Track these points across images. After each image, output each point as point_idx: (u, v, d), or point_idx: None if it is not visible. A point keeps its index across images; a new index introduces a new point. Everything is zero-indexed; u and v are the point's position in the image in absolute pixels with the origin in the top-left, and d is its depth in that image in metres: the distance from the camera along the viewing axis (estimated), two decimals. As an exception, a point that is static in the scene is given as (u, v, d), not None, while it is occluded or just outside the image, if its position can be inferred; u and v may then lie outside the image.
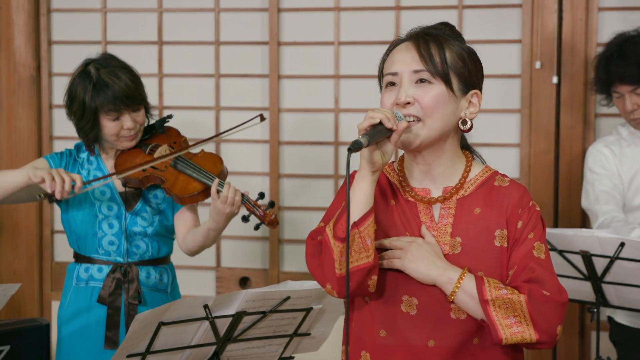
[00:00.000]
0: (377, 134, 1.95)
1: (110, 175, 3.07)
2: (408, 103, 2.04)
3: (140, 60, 3.36)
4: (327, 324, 2.59)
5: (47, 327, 3.15)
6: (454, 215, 2.09)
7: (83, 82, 3.05)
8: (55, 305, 4.33)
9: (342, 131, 4.13)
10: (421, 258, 2.03)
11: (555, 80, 3.89)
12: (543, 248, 2.07)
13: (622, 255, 2.98)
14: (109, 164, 3.16)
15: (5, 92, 4.32)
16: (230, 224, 3.13)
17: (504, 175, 2.15)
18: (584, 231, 3.10)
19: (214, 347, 2.43)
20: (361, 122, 1.97)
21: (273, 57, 4.13)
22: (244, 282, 4.23)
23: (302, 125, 4.15)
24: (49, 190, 2.90)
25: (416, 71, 2.06)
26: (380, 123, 1.96)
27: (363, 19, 4.09)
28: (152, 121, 3.23)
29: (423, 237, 2.08)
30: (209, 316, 2.33)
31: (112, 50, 4.28)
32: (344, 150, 4.12)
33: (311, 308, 2.47)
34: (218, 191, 3.00)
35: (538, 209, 2.11)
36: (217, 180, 3.02)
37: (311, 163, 4.16)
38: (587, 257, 3.05)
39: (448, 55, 2.07)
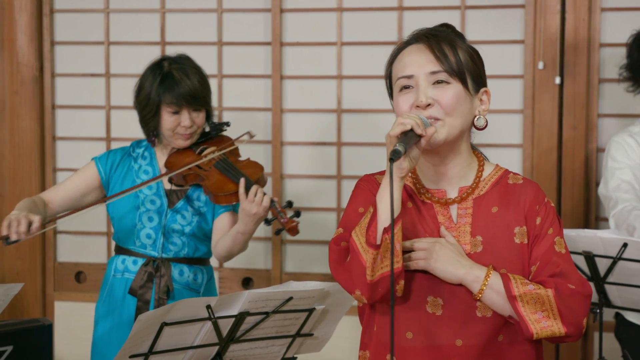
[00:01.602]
0: (410, 140, 1.96)
1: (159, 177, 3.15)
2: (429, 105, 2.05)
3: (143, 61, 3.35)
4: (330, 325, 2.58)
5: (50, 327, 3.15)
6: (472, 214, 2.11)
7: (153, 73, 3.16)
8: (58, 306, 4.34)
9: (344, 131, 4.12)
10: (446, 258, 2.04)
11: (558, 80, 3.89)
12: (563, 243, 2.10)
13: (624, 255, 2.97)
14: (161, 161, 3.23)
15: (8, 92, 4.32)
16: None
17: (515, 174, 2.18)
18: (586, 232, 3.10)
19: (216, 348, 2.43)
20: (392, 129, 1.97)
21: (276, 57, 4.13)
22: (247, 283, 4.23)
23: (305, 126, 4.16)
24: (2, 229, 2.98)
25: (433, 72, 2.06)
26: (411, 129, 1.97)
27: (365, 20, 4.09)
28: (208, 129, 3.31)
29: (444, 238, 2.09)
30: (212, 316, 2.33)
31: (115, 51, 4.28)
32: (346, 151, 4.12)
33: (314, 309, 2.47)
34: (246, 192, 3.04)
35: (553, 205, 2.14)
36: (243, 180, 3.06)
37: (314, 164, 4.16)
38: (589, 257, 3.05)
39: (461, 55, 2.09)
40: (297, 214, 3.13)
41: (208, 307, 2.31)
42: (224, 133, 3.35)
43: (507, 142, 3.99)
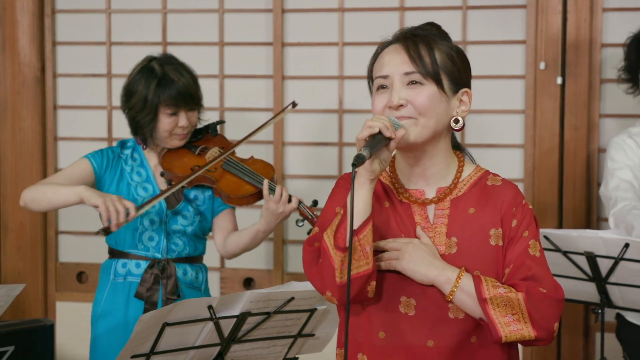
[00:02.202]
0: (377, 144, 1.96)
1: (167, 190, 3.09)
2: (401, 105, 2.05)
3: (145, 61, 3.37)
4: (331, 325, 2.59)
5: (52, 327, 3.15)
6: (448, 215, 2.10)
7: (147, 76, 3.12)
8: (59, 306, 4.34)
9: (346, 132, 4.12)
10: (419, 258, 2.04)
11: (559, 81, 3.89)
12: (538, 246, 2.09)
13: (626, 256, 2.97)
14: (152, 162, 3.22)
15: (9, 92, 4.32)
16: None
17: (495, 175, 2.17)
18: (588, 232, 3.10)
19: (218, 348, 2.43)
20: (360, 132, 1.98)
21: (277, 57, 4.13)
22: (248, 283, 4.23)
23: (306, 126, 4.16)
24: (103, 219, 2.95)
25: (407, 73, 2.06)
26: (379, 132, 1.97)
27: (367, 20, 4.09)
28: (199, 125, 3.29)
29: (419, 238, 2.08)
30: (213, 317, 2.33)
31: (117, 51, 4.28)
32: (348, 151, 4.12)
33: (315, 309, 2.47)
34: (270, 192, 3.05)
35: (531, 207, 2.13)
36: (266, 181, 3.07)
37: (315, 164, 4.16)
38: (591, 258, 3.05)
39: (437, 56, 2.07)
40: None
41: (210, 307, 2.31)
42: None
43: (509, 142, 3.99)
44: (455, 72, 2.09)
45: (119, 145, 3.25)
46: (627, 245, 2.95)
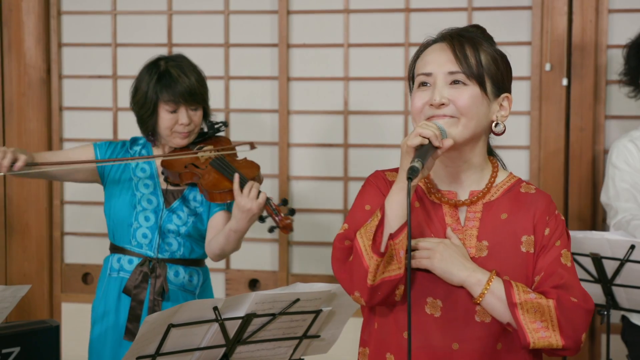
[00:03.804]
0: (426, 153, 1.95)
1: (154, 157, 3.14)
2: (443, 104, 2.04)
3: (150, 63, 3.37)
4: (337, 326, 2.58)
5: (57, 328, 3.15)
6: (480, 219, 2.10)
7: (150, 72, 3.15)
8: (65, 307, 4.35)
9: (351, 133, 4.12)
10: (450, 259, 2.03)
11: (565, 82, 3.89)
12: (569, 256, 2.08)
13: (632, 257, 2.97)
14: (158, 160, 3.22)
15: (15, 94, 4.33)
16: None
17: (529, 183, 2.17)
18: (594, 233, 3.09)
19: (223, 349, 2.43)
20: (410, 139, 1.96)
21: (282, 59, 4.14)
22: (253, 284, 4.24)
23: (311, 127, 4.16)
24: None
25: (451, 72, 2.05)
26: (429, 141, 1.96)
27: (372, 21, 4.09)
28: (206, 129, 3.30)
29: (449, 239, 2.08)
30: (219, 318, 2.33)
31: (122, 52, 4.29)
32: (353, 153, 4.12)
33: (320, 310, 2.47)
34: (241, 187, 3.02)
35: (563, 218, 2.12)
36: (237, 175, 3.04)
37: (320, 165, 4.16)
38: (597, 259, 3.04)
39: (482, 58, 2.07)
40: (292, 212, 3.10)
41: (215, 308, 2.31)
42: (223, 134, 3.35)
43: (514, 143, 3.99)
44: (498, 76, 2.09)
45: (131, 141, 3.27)
46: (632, 247, 2.95)
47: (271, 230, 3.10)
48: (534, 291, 2.03)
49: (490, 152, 2.19)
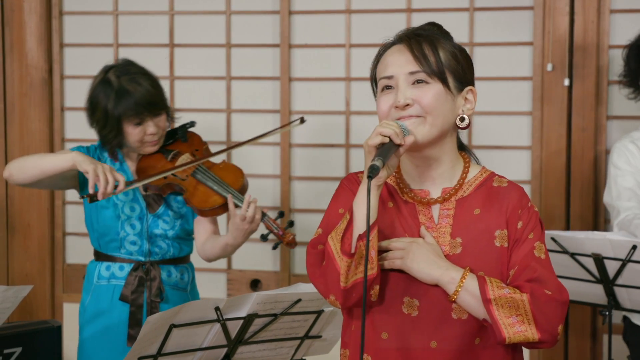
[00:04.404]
0: (387, 151, 1.96)
1: (133, 182, 3.06)
2: (407, 105, 2.04)
3: (152, 63, 3.36)
4: (339, 327, 2.58)
5: (59, 329, 3.16)
6: (453, 215, 2.10)
7: (105, 90, 3.07)
8: (67, 307, 4.35)
9: (353, 133, 4.12)
10: (423, 258, 2.04)
11: (566, 82, 3.88)
12: (543, 248, 2.08)
13: (634, 258, 2.97)
14: (132, 167, 3.18)
15: (17, 94, 4.33)
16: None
17: (501, 177, 2.16)
18: (595, 234, 3.09)
19: (225, 350, 2.43)
20: (370, 139, 1.97)
21: (284, 59, 4.13)
22: (255, 285, 4.23)
23: (313, 128, 4.16)
24: (90, 184, 2.90)
25: (412, 72, 2.06)
26: (390, 140, 1.96)
27: (374, 22, 4.09)
28: (175, 125, 3.27)
29: (422, 238, 2.08)
30: (220, 318, 2.33)
31: (124, 53, 4.29)
32: (355, 153, 4.12)
33: (322, 310, 2.47)
34: (236, 206, 3.02)
35: (536, 209, 2.12)
36: (230, 196, 3.04)
37: (322, 165, 4.16)
38: (599, 259, 3.04)
39: (442, 54, 2.07)
40: (291, 224, 3.12)
41: (217, 309, 2.31)
42: (194, 130, 3.31)
43: (516, 144, 3.98)
44: (459, 70, 2.09)
45: (98, 147, 3.19)
46: (634, 247, 2.95)
47: (275, 247, 3.13)
48: (508, 286, 2.03)
49: (462, 147, 2.19)
